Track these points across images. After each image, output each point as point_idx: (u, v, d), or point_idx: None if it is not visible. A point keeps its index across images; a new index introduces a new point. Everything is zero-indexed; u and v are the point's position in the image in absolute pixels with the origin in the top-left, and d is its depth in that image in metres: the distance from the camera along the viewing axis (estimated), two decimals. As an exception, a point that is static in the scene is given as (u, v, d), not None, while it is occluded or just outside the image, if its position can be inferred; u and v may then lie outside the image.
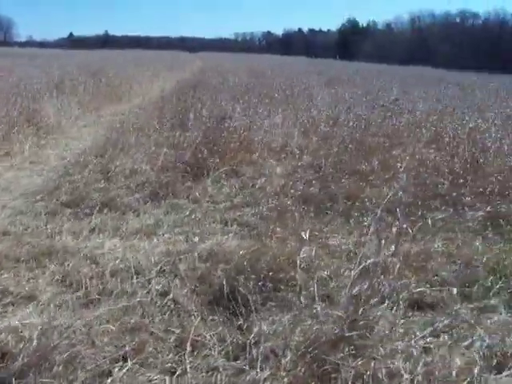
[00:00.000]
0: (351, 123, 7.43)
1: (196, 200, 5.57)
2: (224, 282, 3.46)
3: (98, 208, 5.15)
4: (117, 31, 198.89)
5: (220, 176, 6.12)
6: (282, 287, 3.52)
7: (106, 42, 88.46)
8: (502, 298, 3.68)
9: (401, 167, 5.32)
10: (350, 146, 6.49)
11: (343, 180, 5.79)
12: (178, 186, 5.88)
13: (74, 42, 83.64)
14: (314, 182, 5.77)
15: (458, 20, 64.83)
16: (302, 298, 3.11)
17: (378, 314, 3.13)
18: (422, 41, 56.17)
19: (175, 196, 5.66)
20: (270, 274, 3.63)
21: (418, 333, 3.16)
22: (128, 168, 6.37)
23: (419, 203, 5.18)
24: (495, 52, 44.47)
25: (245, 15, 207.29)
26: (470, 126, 7.23)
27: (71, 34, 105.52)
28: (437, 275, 3.97)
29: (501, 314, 3.51)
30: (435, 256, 4.24)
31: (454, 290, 3.71)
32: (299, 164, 6.48)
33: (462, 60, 42.55)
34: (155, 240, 4.53)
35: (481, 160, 6.08)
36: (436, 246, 4.44)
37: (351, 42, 65.83)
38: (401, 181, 4.20)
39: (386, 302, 3.47)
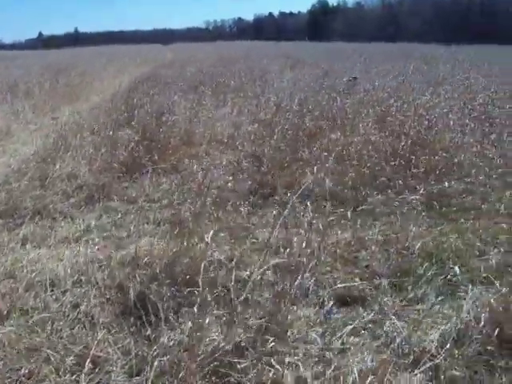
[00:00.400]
0: (295, 107, 7.20)
1: (132, 201, 5.33)
2: (131, 291, 3.25)
3: (29, 217, 4.92)
4: (87, 28, 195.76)
5: (159, 173, 5.89)
6: (197, 292, 3.29)
7: (77, 39, 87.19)
8: (434, 285, 3.50)
9: (341, 152, 5.09)
10: (290, 132, 6.26)
11: (283, 168, 5.55)
12: (115, 187, 5.64)
13: (44, 42, 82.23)
14: (252, 172, 5.56)
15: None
16: (198, 305, 2.87)
17: (289, 316, 2.94)
18: (392, 17, 55.93)
19: (110, 198, 5.43)
20: (187, 277, 3.42)
21: (337, 332, 2.99)
22: (66, 172, 6.11)
23: (359, 187, 5.02)
24: (464, 25, 44.32)
25: (214, 2, 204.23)
26: (418, 102, 7.02)
27: (41, 34, 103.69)
28: (368, 266, 3.78)
29: (432, 303, 3.32)
30: (369, 244, 4.05)
31: (384, 282, 3.54)
32: (242, 155, 6.25)
33: (431, 34, 42.37)
34: (80, 248, 4.30)
35: (425, 137, 5.89)
36: (371, 233, 4.25)
37: (322, 22, 65.23)
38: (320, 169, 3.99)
39: (309, 298, 3.31)
